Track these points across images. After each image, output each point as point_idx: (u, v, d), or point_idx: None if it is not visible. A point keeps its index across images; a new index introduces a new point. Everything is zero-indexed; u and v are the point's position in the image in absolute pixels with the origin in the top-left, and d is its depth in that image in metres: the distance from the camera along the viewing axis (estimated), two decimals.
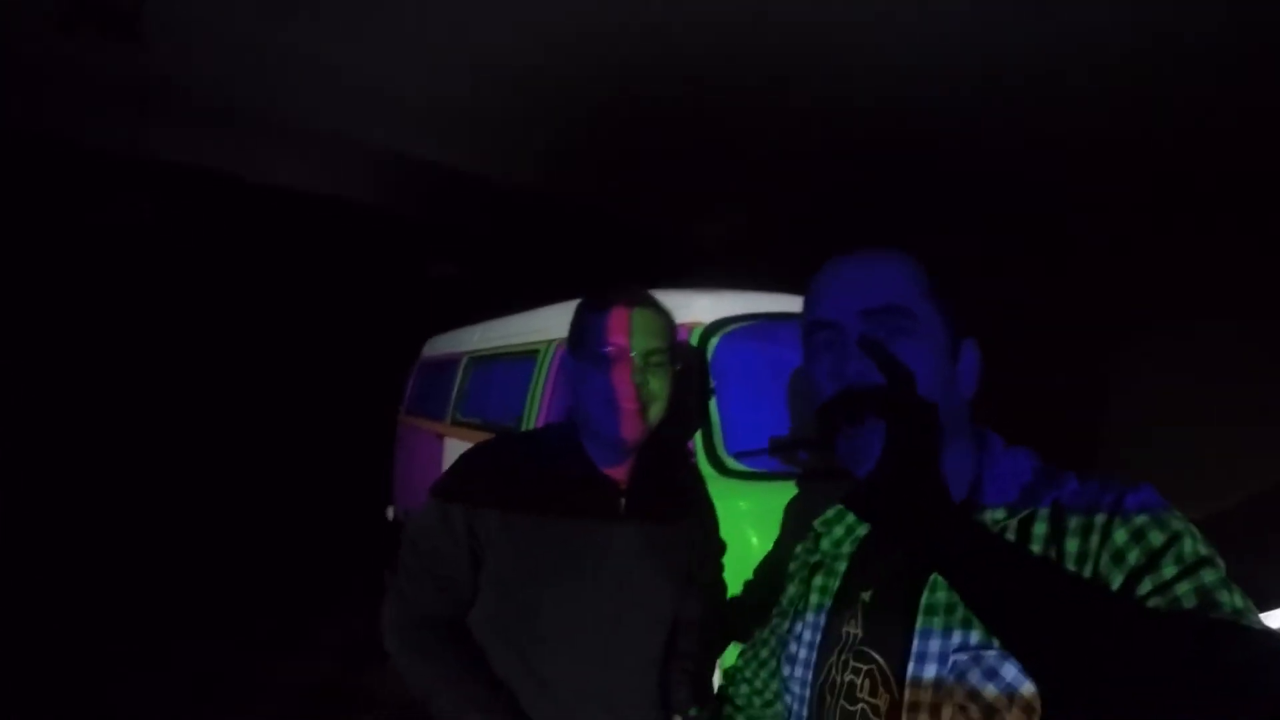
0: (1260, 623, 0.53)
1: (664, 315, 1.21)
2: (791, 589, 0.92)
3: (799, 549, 0.94)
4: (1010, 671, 0.62)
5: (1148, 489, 0.64)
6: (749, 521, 1.57)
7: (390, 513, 4.47)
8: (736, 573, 1.45)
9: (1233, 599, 0.55)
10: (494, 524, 1.12)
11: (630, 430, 1.14)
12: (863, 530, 0.84)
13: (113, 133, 5.57)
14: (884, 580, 0.76)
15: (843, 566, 0.83)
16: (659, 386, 1.16)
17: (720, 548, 1.42)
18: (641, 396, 1.14)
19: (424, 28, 4.48)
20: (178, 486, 7.19)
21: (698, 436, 1.81)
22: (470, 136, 5.93)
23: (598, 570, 1.14)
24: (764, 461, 1.75)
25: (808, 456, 1.69)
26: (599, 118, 5.50)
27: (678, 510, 1.26)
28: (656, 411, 1.17)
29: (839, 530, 0.87)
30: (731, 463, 1.76)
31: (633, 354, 1.14)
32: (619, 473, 1.21)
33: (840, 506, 0.89)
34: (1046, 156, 5.54)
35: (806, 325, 0.78)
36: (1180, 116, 4.37)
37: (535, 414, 2.59)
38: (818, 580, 0.86)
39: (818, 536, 0.90)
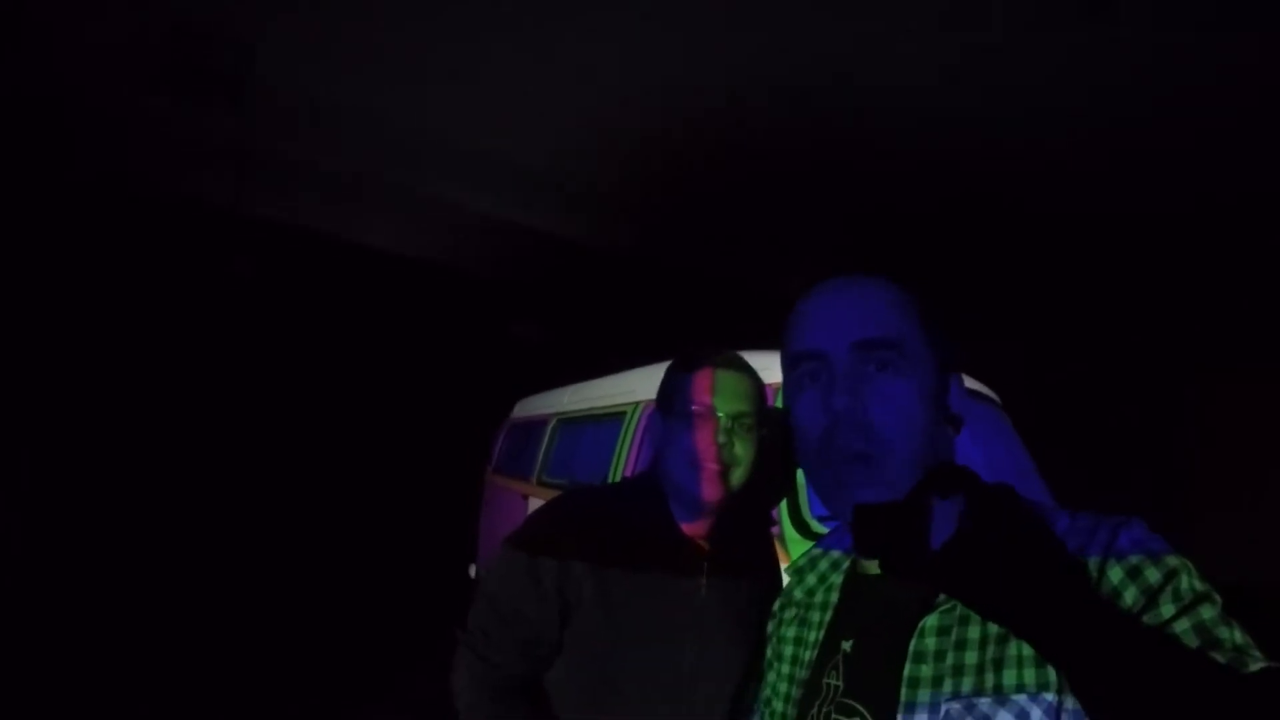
0: (1261, 659, 0.51)
1: (754, 379, 1.21)
2: (770, 645, 0.88)
3: (776, 602, 0.91)
4: None
5: (1140, 526, 0.61)
6: None
7: (473, 570, 4.55)
8: None
9: (1232, 635, 0.53)
10: (586, 584, 1.12)
11: (711, 492, 1.14)
12: (838, 577, 0.80)
13: (216, 190, 5.91)
14: (866, 628, 0.73)
15: (817, 616, 0.79)
16: (743, 450, 1.16)
17: None
18: (725, 458, 1.13)
19: (517, 92, 4.68)
20: (267, 543, 7.42)
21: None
22: (559, 198, 6.11)
23: (681, 634, 1.13)
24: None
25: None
26: (687, 176, 5.59)
27: (757, 575, 1.25)
28: (739, 475, 1.16)
29: (811, 578, 0.83)
30: (816, 525, 1.74)
31: (719, 415, 1.14)
32: (700, 532, 1.20)
33: (812, 554, 0.85)
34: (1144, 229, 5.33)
35: (790, 356, 0.73)
36: None
37: (620, 475, 2.64)
38: (791, 631, 0.82)
39: (791, 585, 0.86)
